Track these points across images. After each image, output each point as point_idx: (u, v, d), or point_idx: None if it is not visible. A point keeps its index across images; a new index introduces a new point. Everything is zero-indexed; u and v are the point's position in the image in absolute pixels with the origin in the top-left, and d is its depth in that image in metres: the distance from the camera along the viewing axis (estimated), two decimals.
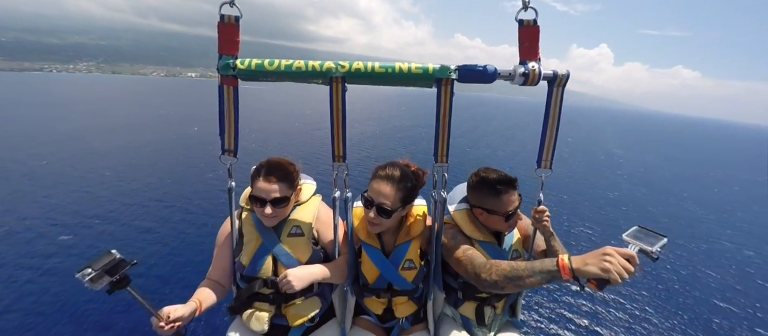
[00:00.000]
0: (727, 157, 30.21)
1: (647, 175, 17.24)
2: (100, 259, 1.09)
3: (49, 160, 11.62)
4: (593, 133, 37.36)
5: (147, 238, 6.67)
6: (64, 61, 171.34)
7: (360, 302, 1.60)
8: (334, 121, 1.27)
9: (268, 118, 26.54)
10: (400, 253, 1.45)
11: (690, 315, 5.70)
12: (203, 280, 1.47)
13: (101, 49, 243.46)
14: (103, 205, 8.04)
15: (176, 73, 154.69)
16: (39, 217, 7.22)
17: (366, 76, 1.21)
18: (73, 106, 29.49)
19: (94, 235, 6.68)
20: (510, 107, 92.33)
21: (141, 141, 15.67)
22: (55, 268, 5.48)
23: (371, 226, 1.41)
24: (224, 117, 1.31)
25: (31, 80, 65.82)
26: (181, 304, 1.26)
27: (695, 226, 10.22)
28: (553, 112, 1.30)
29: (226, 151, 1.36)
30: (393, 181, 1.34)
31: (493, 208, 1.44)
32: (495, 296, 1.56)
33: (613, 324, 5.24)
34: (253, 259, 1.42)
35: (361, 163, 13.13)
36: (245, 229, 1.46)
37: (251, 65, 1.22)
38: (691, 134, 58.63)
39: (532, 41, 1.23)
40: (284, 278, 1.33)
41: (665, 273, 6.99)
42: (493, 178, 1.45)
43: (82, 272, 1.04)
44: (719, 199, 13.71)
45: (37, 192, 8.63)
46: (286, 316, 1.48)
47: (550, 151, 1.36)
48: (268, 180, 1.35)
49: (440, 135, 1.27)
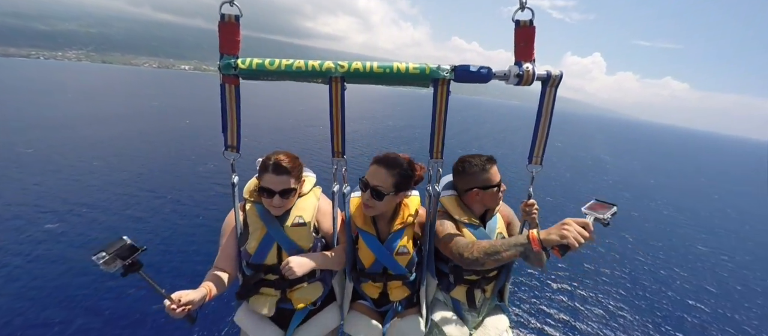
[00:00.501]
0: (711, 167, 31.21)
1: (631, 180, 17.77)
2: (114, 244, 1.15)
3: (36, 147, 11.44)
4: (583, 140, 38.15)
5: (138, 228, 6.69)
6: (53, 48, 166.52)
7: (357, 287, 1.67)
8: (333, 119, 1.32)
9: (263, 114, 26.40)
10: (395, 239, 1.53)
11: (664, 313, 5.99)
12: (210, 269, 1.53)
13: (91, 37, 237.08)
14: (92, 194, 8.00)
15: (169, 65, 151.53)
16: (27, 204, 7.17)
17: (365, 76, 1.25)
18: (61, 94, 28.89)
19: (83, 223, 6.66)
20: (501, 111, 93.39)
21: (132, 132, 15.50)
22: (44, 255, 5.48)
23: (366, 209, 1.49)
24: (227, 114, 1.34)
25: (17, 66, 63.97)
26: (192, 289, 1.32)
27: (674, 230, 10.63)
28: (545, 111, 1.35)
29: (230, 147, 1.40)
30: (387, 167, 1.43)
31: (487, 184, 1.54)
32: (484, 279, 1.64)
33: (590, 320, 5.49)
34: (259, 247, 1.48)
35: (355, 160, 13.31)
36: (250, 219, 1.52)
37: (252, 65, 1.25)
38: (678, 144, 60.30)
39: (527, 42, 1.26)
40: (287, 265, 1.40)
41: (643, 274, 7.30)
42: (479, 160, 1.58)
43: (97, 255, 1.10)
44: (699, 206, 14.24)
45: (25, 179, 8.53)
46: (291, 300, 1.57)
47: (541, 148, 1.42)
48: (277, 172, 1.41)
49: (436, 132, 1.32)
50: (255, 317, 1.59)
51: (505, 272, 1.70)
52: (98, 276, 4.85)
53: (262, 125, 21.08)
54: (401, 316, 1.67)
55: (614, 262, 7.59)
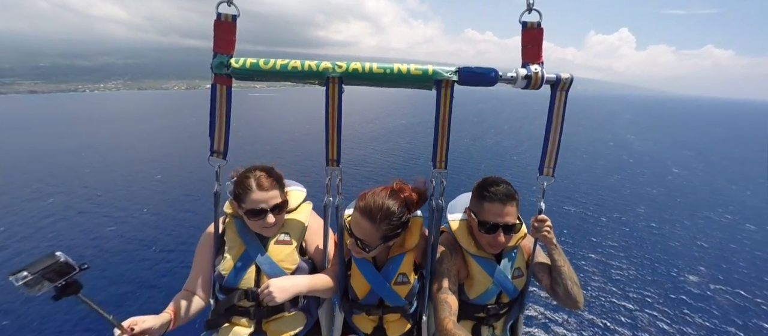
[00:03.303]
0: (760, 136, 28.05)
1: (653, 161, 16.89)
2: (41, 261, 0.96)
3: (97, 170, 13.10)
4: (606, 121, 36.23)
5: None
6: (95, 80, 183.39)
7: (348, 319, 1.46)
8: (329, 123, 1.24)
9: (249, 122, 26.62)
10: (393, 266, 1.35)
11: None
12: (180, 291, 1.34)
13: (127, 67, 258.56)
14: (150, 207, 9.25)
15: (196, 86, 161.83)
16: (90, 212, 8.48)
17: (364, 77, 1.19)
18: (117, 122, 31.55)
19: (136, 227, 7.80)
20: (521, 99, 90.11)
21: (174, 148, 17.07)
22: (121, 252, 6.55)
23: (354, 254, 1.32)
24: (215, 117, 1.27)
25: (69, 99, 70.73)
26: (152, 315, 1.15)
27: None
28: (556, 117, 1.25)
29: (215, 153, 1.30)
30: (373, 220, 1.21)
31: (475, 211, 1.34)
32: (493, 316, 1.43)
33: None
34: (235, 268, 1.31)
35: (353, 164, 13.48)
36: (228, 235, 1.36)
37: (246, 64, 1.20)
38: (726, 116, 54.39)
39: (535, 44, 1.20)
40: (266, 289, 1.22)
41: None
42: (486, 182, 1.34)
43: (15, 275, 0.91)
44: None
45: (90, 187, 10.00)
46: (267, 333, 1.36)
47: (553, 158, 1.29)
48: (262, 189, 1.27)
49: (439, 140, 1.22)
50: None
51: (518, 306, 1.47)
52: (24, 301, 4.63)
53: (243, 135, 20.76)
54: None
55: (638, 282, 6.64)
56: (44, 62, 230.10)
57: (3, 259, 6.46)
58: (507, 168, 14.29)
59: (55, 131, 24.11)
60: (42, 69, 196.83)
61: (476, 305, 1.40)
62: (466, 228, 1.43)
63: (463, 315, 1.39)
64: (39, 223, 8.06)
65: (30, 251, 6.76)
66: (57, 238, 7.48)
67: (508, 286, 1.39)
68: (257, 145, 18.29)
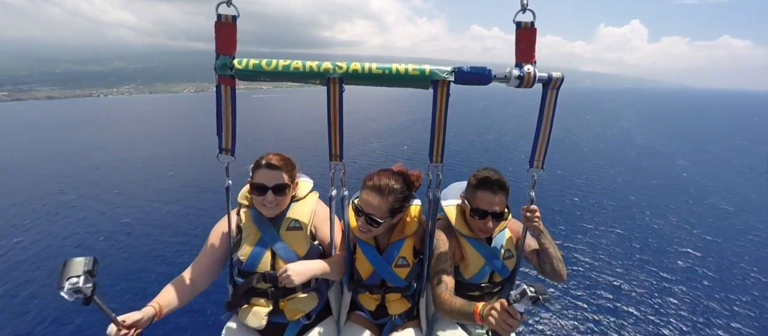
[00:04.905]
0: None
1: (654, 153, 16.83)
2: (70, 266, 1.00)
3: (108, 167, 13.83)
4: (611, 115, 35.65)
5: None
6: (108, 85, 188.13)
7: (354, 298, 1.62)
8: (331, 121, 1.31)
9: (253, 121, 26.78)
10: (394, 250, 1.49)
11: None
12: (175, 278, 1.41)
13: (138, 72, 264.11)
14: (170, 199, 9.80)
15: (204, 88, 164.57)
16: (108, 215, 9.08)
17: (363, 77, 1.24)
18: (131, 123, 32.43)
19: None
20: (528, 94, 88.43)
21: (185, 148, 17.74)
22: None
23: (361, 233, 1.44)
24: (222, 117, 1.33)
25: (85, 104, 72.55)
26: (137, 310, 1.22)
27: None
28: (546, 114, 1.32)
29: (224, 150, 1.38)
30: (382, 194, 1.35)
31: (469, 199, 1.50)
32: (488, 294, 1.56)
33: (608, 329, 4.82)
34: (252, 253, 1.43)
35: (357, 160, 13.91)
36: (244, 224, 1.48)
37: (249, 65, 1.24)
38: (747, 109, 52.14)
39: (528, 44, 1.24)
40: (284, 273, 1.34)
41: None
42: (481, 173, 1.49)
43: (70, 279, 0.97)
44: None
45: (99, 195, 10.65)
46: (284, 311, 1.49)
47: (542, 152, 1.39)
48: (270, 167, 1.40)
49: (436, 135, 1.30)
50: (244, 331, 1.53)
51: (509, 285, 1.62)
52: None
53: (254, 134, 21.12)
54: (400, 330, 1.60)
55: (633, 269, 6.44)
56: (59, 68, 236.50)
57: (31, 254, 6.78)
58: (507, 162, 14.38)
59: (74, 134, 25.07)
60: (57, 75, 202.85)
61: (471, 284, 1.54)
62: (459, 213, 1.59)
63: (459, 294, 1.46)
64: (56, 218, 8.40)
65: (55, 248, 6.99)
66: (71, 232, 7.72)
67: (499, 265, 1.55)
68: (265, 142, 18.80)
